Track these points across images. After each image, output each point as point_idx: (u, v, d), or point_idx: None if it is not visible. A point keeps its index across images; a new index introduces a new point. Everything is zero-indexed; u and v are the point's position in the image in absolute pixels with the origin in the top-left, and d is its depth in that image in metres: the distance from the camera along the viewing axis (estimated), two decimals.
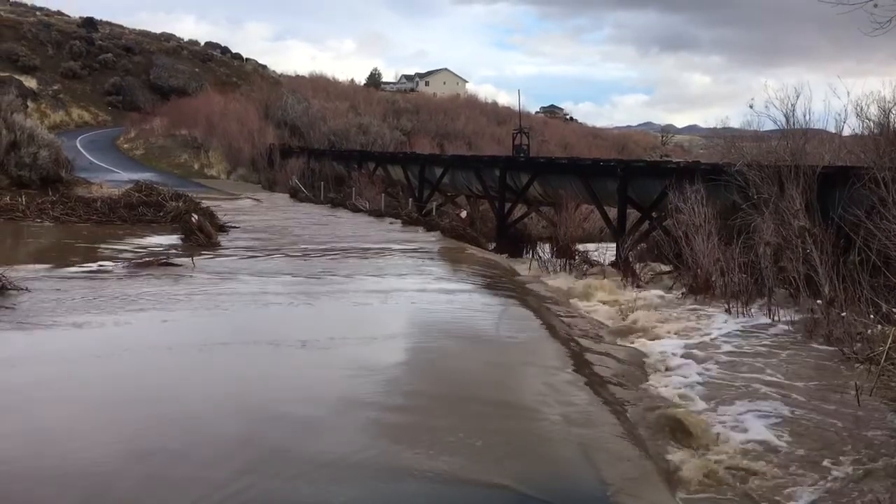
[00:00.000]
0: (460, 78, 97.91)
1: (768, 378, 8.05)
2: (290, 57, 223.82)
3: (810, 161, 12.58)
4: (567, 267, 16.41)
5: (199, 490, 4.36)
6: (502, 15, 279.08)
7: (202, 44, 75.88)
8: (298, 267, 12.80)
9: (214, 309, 9.16)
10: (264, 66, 76.09)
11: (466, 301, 10.51)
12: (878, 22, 8.80)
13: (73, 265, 11.70)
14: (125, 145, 45.76)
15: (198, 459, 4.77)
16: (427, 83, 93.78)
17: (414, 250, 15.62)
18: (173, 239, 15.38)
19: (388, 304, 10.22)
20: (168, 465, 4.68)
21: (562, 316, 10.48)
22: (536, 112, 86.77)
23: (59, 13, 72.02)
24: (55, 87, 56.09)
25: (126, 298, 9.35)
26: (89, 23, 68.37)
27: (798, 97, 13.45)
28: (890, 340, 7.31)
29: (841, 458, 5.89)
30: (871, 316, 8.36)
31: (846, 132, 13.99)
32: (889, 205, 8.81)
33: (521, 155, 32.86)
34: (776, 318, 10.67)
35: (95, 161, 37.01)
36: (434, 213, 24.14)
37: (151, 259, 12.37)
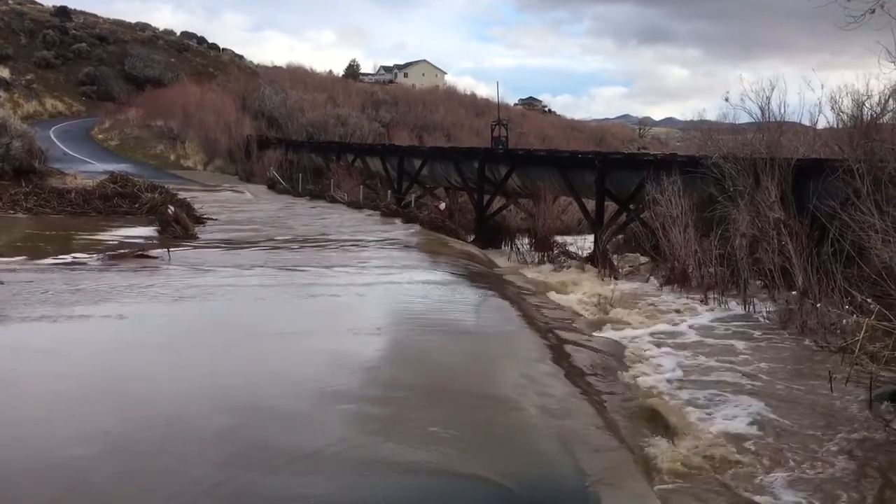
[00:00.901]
0: (439, 70, 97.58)
1: (743, 368, 8.15)
2: (267, 47, 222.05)
3: (785, 153, 12.71)
4: (545, 259, 16.46)
5: (177, 483, 4.33)
6: (481, 7, 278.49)
7: (178, 34, 74.97)
8: (275, 259, 12.73)
9: (191, 301, 9.09)
10: (241, 57, 75.32)
11: (445, 293, 10.51)
12: (852, 16, 8.87)
13: (46, 257, 11.56)
14: (100, 136, 45.21)
15: (176, 452, 4.74)
16: (406, 75, 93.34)
17: (392, 242, 15.59)
18: (149, 231, 15.24)
19: (366, 296, 10.19)
20: (145, 458, 4.65)
21: (540, 307, 10.52)
22: (515, 104, 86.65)
23: (32, 1, 70.74)
24: (28, 77, 55.18)
25: (101, 291, 9.25)
26: (63, 12, 67.25)
27: (773, 90, 13.60)
28: (864, 330, 7.41)
29: (815, 445, 5.97)
30: (846, 306, 8.46)
31: (821, 125, 14.16)
32: (863, 196, 8.91)
33: (500, 147, 32.83)
34: (751, 308, 10.78)
35: (70, 152, 36.54)
36: (413, 205, 24.10)
37: (127, 251, 12.24)
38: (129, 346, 7.19)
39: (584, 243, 17.32)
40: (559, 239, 18.04)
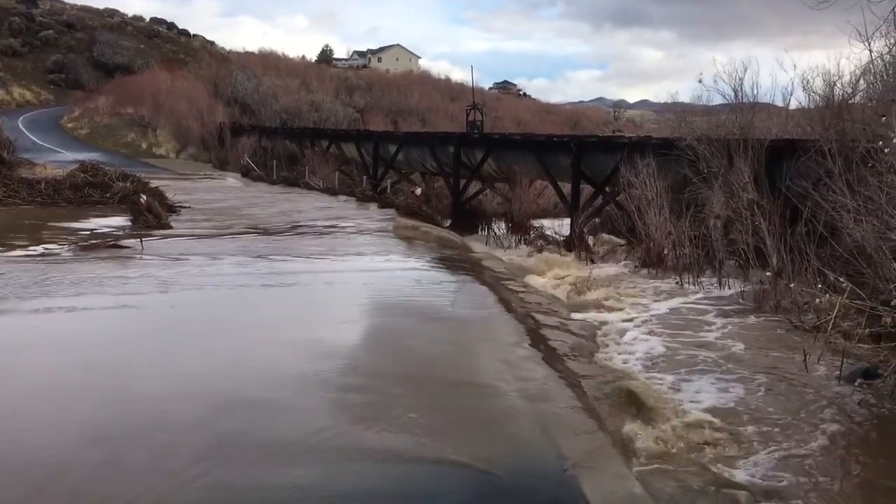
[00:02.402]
0: (413, 54, 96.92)
1: (720, 349, 8.23)
2: (240, 33, 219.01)
3: (758, 134, 12.80)
4: (522, 243, 16.52)
5: (155, 476, 4.28)
6: None
7: (147, 19, 73.83)
8: (250, 248, 12.62)
9: (165, 292, 8.98)
10: (213, 43, 74.33)
11: (422, 279, 10.49)
12: None
13: (16, 249, 11.37)
14: (69, 125, 44.54)
15: (154, 445, 4.69)
16: (380, 59, 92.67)
17: (368, 229, 15.54)
18: (121, 221, 15.04)
19: (343, 284, 10.15)
20: (123, 451, 4.60)
21: (517, 292, 10.52)
22: (490, 88, 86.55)
23: None
24: None
25: (73, 283, 9.12)
26: None
27: (746, 71, 13.71)
28: (836, 309, 7.51)
29: (792, 425, 6.05)
30: (818, 286, 8.56)
31: (793, 105, 14.29)
32: (834, 176, 9.00)
33: (475, 131, 32.72)
34: (726, 289, 10.89)
35: (38, 141, 35.98)
36: (389, 191, 24.02)
37: (98, 241, 12.09)
38: (103, 340, 7.11)
39: (560, 227, 17.39)
40: (536, 223, 18.10)
